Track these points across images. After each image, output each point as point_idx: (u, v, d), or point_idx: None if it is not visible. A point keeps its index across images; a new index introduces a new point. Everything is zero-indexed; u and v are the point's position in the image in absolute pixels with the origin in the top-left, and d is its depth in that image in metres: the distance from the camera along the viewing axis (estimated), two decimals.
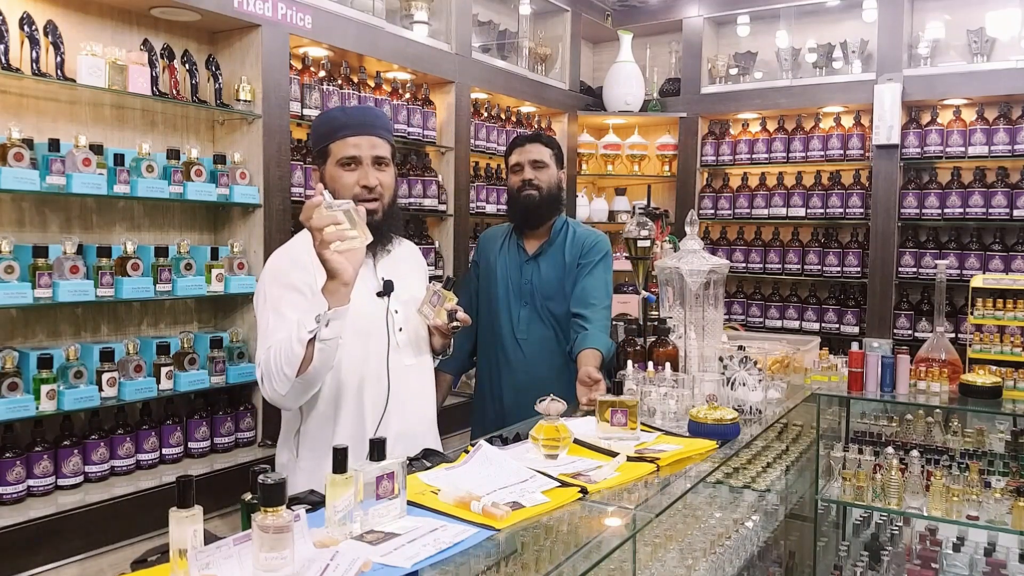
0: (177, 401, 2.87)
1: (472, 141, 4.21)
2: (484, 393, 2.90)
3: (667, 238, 3.63)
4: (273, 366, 1.81)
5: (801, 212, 4.97)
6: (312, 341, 1.74)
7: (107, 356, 2.56)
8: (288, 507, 1.12)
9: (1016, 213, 4.31)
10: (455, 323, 2.06)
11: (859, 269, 4.80)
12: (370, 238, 1.76)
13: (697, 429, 1.97)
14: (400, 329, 2.08)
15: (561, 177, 2.89)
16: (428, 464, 1.70)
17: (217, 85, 2.95)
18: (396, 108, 3.70)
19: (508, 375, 2.80)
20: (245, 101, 2.98)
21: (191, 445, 2.84)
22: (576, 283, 2.76)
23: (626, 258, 2.95)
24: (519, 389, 2.73)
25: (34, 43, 2.45)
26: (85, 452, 2.51)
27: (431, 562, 1.22)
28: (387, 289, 2.04)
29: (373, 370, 2.01)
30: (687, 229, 2.36)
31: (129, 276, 2.58)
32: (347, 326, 1.80)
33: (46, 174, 2.38)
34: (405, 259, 2.22)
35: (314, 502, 1.44)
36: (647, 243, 2.77)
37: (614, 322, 3.01)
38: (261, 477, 1.10)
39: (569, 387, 2.66)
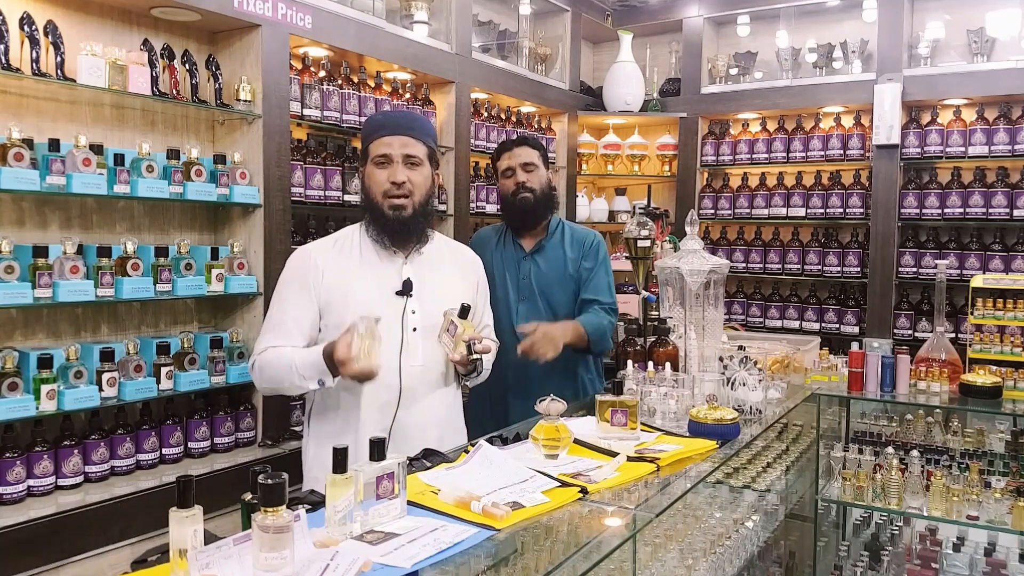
0: (177, 401, 2.87)
1: (472, 141, 4.21)
2: (481, 390, 2.90)
3: (667, 238, 3.64)
4: (265, 376, 2.06)
5: (801, 212, 4.97)
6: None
7: (107, 356, 2.56)
8: (288, 507, 1.12)
9: (1016, 213, 4.31)
10: (475, 356, 2.03)
11: (859, 269, 4.80)
12: (376, 365, 1.88)
13: (697, 429, 1.97)
14: (415, 329, 2.09)
15: (550, 177, 2.98)
16: (428, 464, 1.70)
17: (217, 85, 2.95)
18: (396, 108, 3.70)
19: (505, 371, 2.81)
20: (245, 101, 2.98)
21: (191, 445, 2.84)
22: (584, 288, 2.86)
23: (626, 258, 2.96)
24: (517, 385, 2.75)
25: (34, 43, 2.45)
26: (85, 452, 2.51)
27: (431, 562, 1.22)
28: (406, 289, 2.08)
29: (384, 367, 2.00)
30: (687, 229, 2.36)
31: (129, 276, 2.58)
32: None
33: (46, 174, 2.38)
34: (444, 259, 2.24)
35: (314, 502, 1.43)
36: (647, 243, 2.77)
37: None
38: (261, 477, 1.10)
39: (567, 382, 2.69)
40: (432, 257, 2.20)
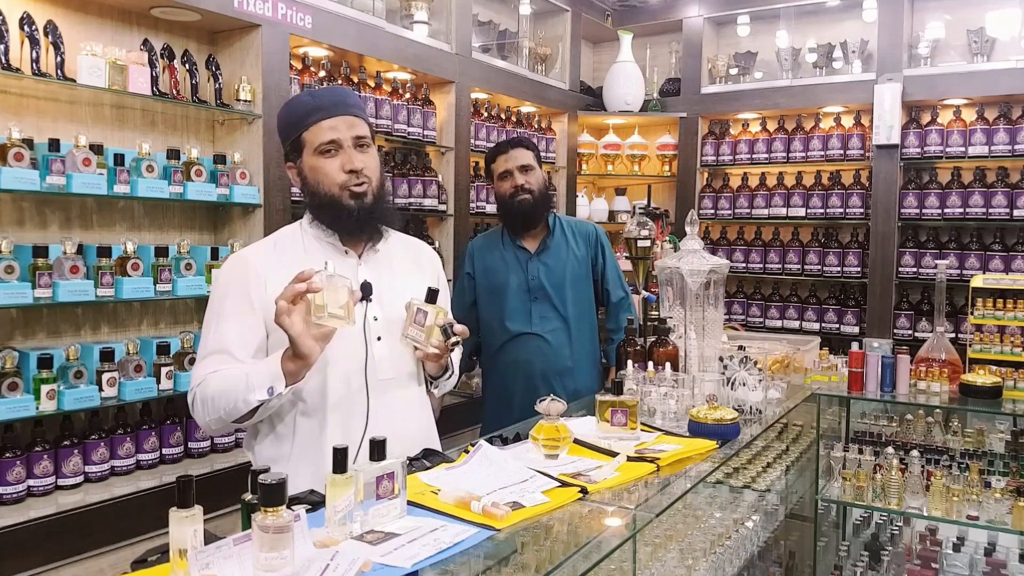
0: (177, 401, 2.87)
1: (472, 141, 4.21)
2: (500, 395, 2.91)
3: (667, 238, 3.64)
4: (210, 404, 1.67)
5: (801, 212, 4.98)
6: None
7: (107, 356, 2.56)
8: (288, 507, 1.12)
9: (1016, 213, 4.31)
10: (454, 338, 1.76)
11: (859, 269, 4.80)
12: (354, 323, 1.61)
13: (697, 429, 1.97)
14: (379, 338, 1.80)
15: (545, 176, 3.04)
16: (428, 464, 1.70)
17: (217, 85, 2.95)
18: (396, 108, 3.70)
19: (525, 370, 2.84)
20: (245, 101, 2.98)
21: (191, 445, 2.84)
22: (601, 287, 2.98)
23: (626, 258, 2.98)
24: (539, 381, 2.78)
25: (34, 43, 2.45)
26: (85, 452, 2.51)
27: (431, 562, 1.22)
28: (365, 292, 1.75)
29: (347, 387, 1.76)
30: (687, 229, 2.35)
31: (129, 276, 2.58)
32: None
33: (46, 174, 2.38)
34: (400, 256, 1.95)
35: (314, 502, 1.43)
36: (647, 243, 2.78)
37: None
38: (261, 477, 1.10)
39: (587, 372, 2.89)
40: (389, 255, 1.91)
